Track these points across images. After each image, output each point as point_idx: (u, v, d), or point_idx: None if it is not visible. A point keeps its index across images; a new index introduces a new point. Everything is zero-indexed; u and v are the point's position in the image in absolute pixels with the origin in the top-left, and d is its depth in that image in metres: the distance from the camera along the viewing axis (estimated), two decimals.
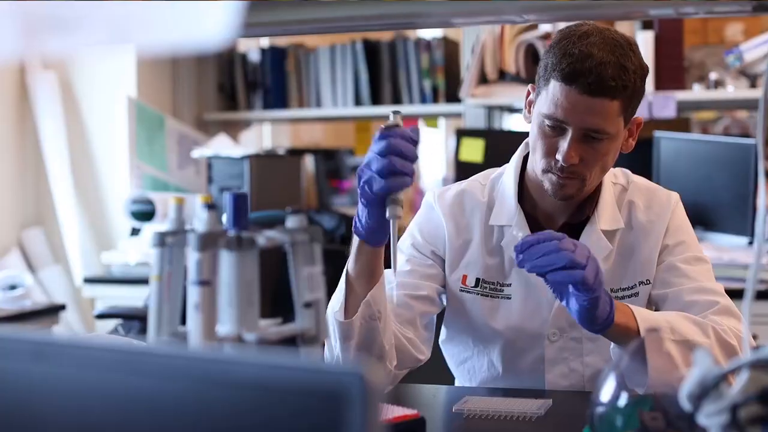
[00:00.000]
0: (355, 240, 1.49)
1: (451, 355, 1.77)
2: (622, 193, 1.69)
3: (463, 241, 1.68)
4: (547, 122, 1.54)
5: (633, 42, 1.55)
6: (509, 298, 1.66)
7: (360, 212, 1.44)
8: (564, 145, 1.53)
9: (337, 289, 1.54)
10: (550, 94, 1.53)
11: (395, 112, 1.40)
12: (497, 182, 1.71)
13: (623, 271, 1.66)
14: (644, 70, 1.55)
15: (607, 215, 1.65)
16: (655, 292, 1.66)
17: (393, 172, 1.35)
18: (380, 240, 1.47)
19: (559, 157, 1.54)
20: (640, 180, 1.73)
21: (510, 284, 1.66)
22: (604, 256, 1.63)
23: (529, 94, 1.62)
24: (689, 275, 1.63)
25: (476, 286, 1.67)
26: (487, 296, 1.67)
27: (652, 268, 1.66)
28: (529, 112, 1.61)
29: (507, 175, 1.70)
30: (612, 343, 1.53)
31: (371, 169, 1.37)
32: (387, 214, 1.38)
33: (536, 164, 1.59)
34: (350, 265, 1.51)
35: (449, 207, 1.69)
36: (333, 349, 1.55)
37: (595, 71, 1.49)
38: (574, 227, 1.65)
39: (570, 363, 1.67)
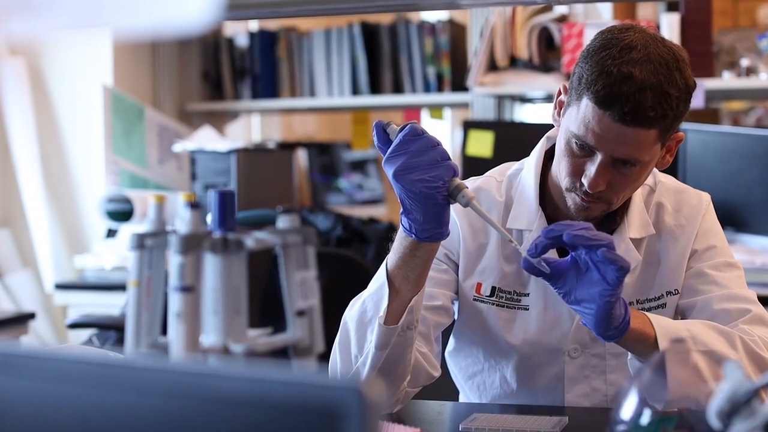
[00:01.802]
0: (406, 242, 1.48)
1: (460, 368, 1.77)
2: (649, 195, 1.69)
3: (479, 245, 1.67)
4: (575, 141, 1.53)
5: (682, 57, 1.51)
6: (527, 309, 1.66)
7: (411, 212, 1.44)
8: (591, 169, 1.52)
9: (370, 291, 1.54)
10: (582, 114, 1.50)
11: (386, 125, 1.45)
12: (515, 180, 1.70)
13: (649, 280, 1.66)
14: (690, 90, 1.51)
15: (636, 222, 1.65)
16: (682, 300, 1.65)
17: (439, 161, 1.40)
18: (441, 234, 1.47)
19: (584, 181, 1.53)
20: (668, 180, 1.72)
21: (528, 294, 1.66)
22: (632, 267, 1.62)
23: (560, 93, 1.60)
24: (719, 282, 1.63)
25: (492, 295, 1.67)
26: (503, 306, 1.67)
27: (680, 276, 1.66)
28: (559, 114, 1.59)
29: (527, 172, 1.69)
30: (630, 355, 1.53)
31: (418, 166, 1.39)
32: (463, 203, 1.41)
33: (560, 179, 1.59)
34: (396, 268, 1.50)
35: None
36: (352, 358, 1.55)
37: (633, 98, 1.45)
38: None
39: (592, 381, 1.66)
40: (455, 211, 1.66)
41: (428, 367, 1.61)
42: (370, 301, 1.53)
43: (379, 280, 1.53)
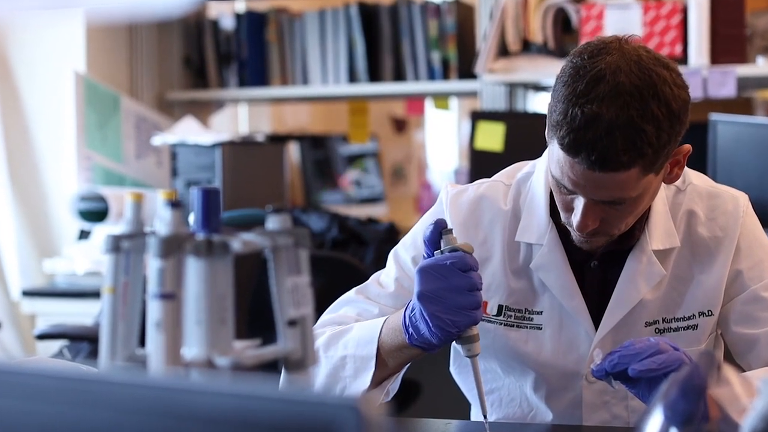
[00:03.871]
0: (400, 334, 1.55)
1: (473, 385, 1.76)
2: (677, 196, 1.66)
3: (479, 261, 1.66)
4: (555, 182, 1.53)
5: (663, 77, 1.45)
6: (540, 329, 1.65)
7: (416, 321, 1.51)
8: (578, 208, 1.52)
9: (354, 350, 1.59)
10: (555, 156, 1.50)
11: (445, 230, 1.51)
12: (524, 185, 1.69)
13: (678, 297, 1.64)
14: (676, 112, 1.45)
15: (660, 231, 1.63)
16: (738, 330, 1.63)
17: (466, 309, 1.47)
18: (432, 349, 1.54)
19: (573, 220, 1.53)
20: (699, 181, 1.69)
21: (541, 312, 1.65)
22: (656, 282, 1.62)
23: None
24: None
25: (499, 314, 1.67)
26: (513, 326, 1.66)
27: (718, 297, 1.64)
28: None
29: (537, 178, 1.67)
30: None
31: (444, 303, 1.46)
32: (465, 353, 1.51)
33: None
34: (384, 343, 1.57)
35: (463, 216, 1.68)
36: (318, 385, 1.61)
37: (600, 144, 1.42)
38: (619, 252, 1.63)
39: (612, 408, 1.66)
40: (452, 220, 1.67)
41: None
42: (351, 363, 1.59)
43: (368, 345, 1.58)
